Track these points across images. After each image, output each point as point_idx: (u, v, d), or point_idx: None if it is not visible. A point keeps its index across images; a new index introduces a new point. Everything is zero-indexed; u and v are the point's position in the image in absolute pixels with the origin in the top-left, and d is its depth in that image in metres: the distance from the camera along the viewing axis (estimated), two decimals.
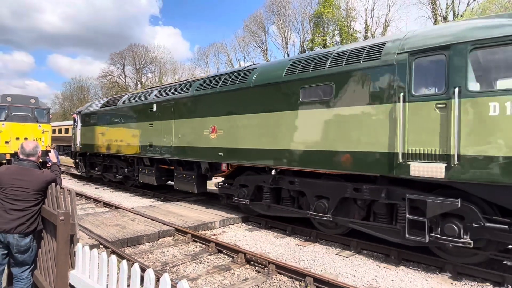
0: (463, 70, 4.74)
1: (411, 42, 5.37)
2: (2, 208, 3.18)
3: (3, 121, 14.77)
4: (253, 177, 8.00)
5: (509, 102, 4.36)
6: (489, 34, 4.64)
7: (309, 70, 6.62)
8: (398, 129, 5.22)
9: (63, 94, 67.43)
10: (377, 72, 5.60)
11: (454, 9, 31.09)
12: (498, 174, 4.43)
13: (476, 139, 4.61)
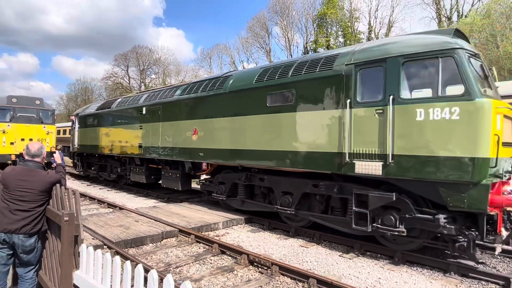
0: (397, 80, 5.40)
1: (356, 55, 6.05)
2: (8, 208, 3.21)
3: (8, 122, 14.88)
4: (229, 175, 8.66)
5: (432, 108, 5.01)
6: (417, 49, 5.32)
7: (275, 78, 7.35)
8: (345, 131, 5.91)
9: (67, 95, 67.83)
10: (329, 81, 6.28)
11: (459, 10, 30.96)
12: (423, 171, 5.09)
13: (406, 140, 5.26)
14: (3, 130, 14.60)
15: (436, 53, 5.13)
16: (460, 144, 4.83)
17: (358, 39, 37.54)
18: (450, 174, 4.89)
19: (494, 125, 4.79)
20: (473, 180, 4.75)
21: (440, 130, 4.97)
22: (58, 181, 3.42)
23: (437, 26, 31.72)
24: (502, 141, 4.96)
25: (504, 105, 5.15)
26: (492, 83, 5.51)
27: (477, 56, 5.30)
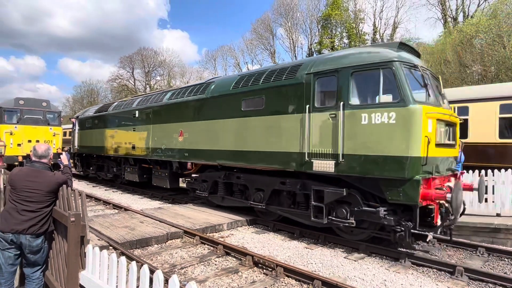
0: (347, 89, 6.09)
1: (315, 65, 6.73)
2: (15, 209, 3.24)
3: (15, 124, 15.05)
4: (211, 174, 9.42)
5: (374, 113, 5.67)
6: (363, 61, 6.02)
7: (249, 84, 8.06)
8: (305, 134, 6.61)
9: (73, 97, 68.38)
10: (292, 88, 6.99)
11: (465, 10, 30.72)
12: (367, 169, 5.75)
13: (353, 141, 5.93)
14: (10, 132, 14.77)
15: (378, 65, 5.82)
16: (396, 144, 5.48)
17: (363, 40, 37.43)
18: (388, 171, 5.54)
19: (425, 128, 5.43)
20: (406, 176, 5.37)
21: (380, 133, 5.64)
22: (64, 182, 3.45)
23: (443, 27, 31.55)
24: (437, 142, 5.67)
25: (437, 110, 5.75)
26: (433, 90, 6.15)
27: (416, 67, 5.91)
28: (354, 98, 6.09)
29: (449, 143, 6.31)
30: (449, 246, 6.64)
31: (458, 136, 6.90)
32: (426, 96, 5.90)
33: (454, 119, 6.55)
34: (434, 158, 5.69)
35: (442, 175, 6.03)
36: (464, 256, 6.14)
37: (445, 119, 6.06)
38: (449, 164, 6.38)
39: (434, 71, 24.91)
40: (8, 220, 3.22)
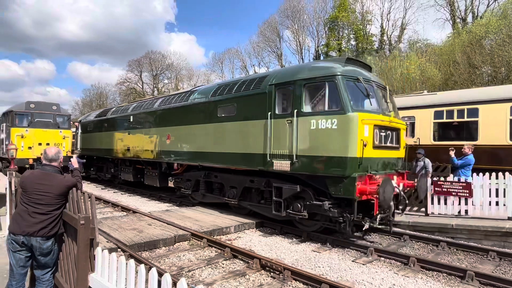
0: (300, 98, 6.96)
1: (277, 77, 7.65)
2: (26, 211, 3.29)
3: (26, 127, 15.30)
4: (194, 173, 10.29)
5: (320, 120, 6.55)
6: (313, 75, 6.97)
7: (224, 93, 8.98)
8: (268, 137, 7.46)
9: (83, 101, 69.29)
10: (258, 97, 7.87)
11: (474, 11, 30.38)
12: (316, 168, 6.60)
13: (304, 144, 6.79)
14: (21, 135, 15.02)
15: (324, 78, 6.74)
16: (337, 147, 6.33)
17: (370, 42, 37.25)
18: (331, 170, 6.39)
19: (361, 132, 6.26)
20: (345, 174, 6.21)
21: (325, 136, 6.49)
22: (74, 185, 3.49)
23: (451, 27, 31.22)
24: (374, 145, 6.52)
25: (374, 117, 6.57)
26: (377, 99, 7.03)
27: (358, 80, 6.77)
28: (306, 106, 6.99)
29: (390, 146, 7.12)
30: (459, 250, 6.55)
31: (403, 140, 7.81)
32: (366, 104, 6.85)
33: (396, 125, 7.31)
34: (370, 158, 6.53)
35: (381, 173, 6.79)
36: (474, 260, 6.04)
37: (384, 125, 6.85)
38: (391, 164, 7.29)
39: (443, 72, 24.69)
40: (20, 222, 3.27)
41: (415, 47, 31.74)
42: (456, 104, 10.65)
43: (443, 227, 7.63)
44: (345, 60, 7.28)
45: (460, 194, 8.13)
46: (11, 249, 3.30)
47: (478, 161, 8.95)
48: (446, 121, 10.98)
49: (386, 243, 7.08)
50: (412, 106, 11.74)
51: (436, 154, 10.38)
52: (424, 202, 8.68)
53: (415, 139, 11.36)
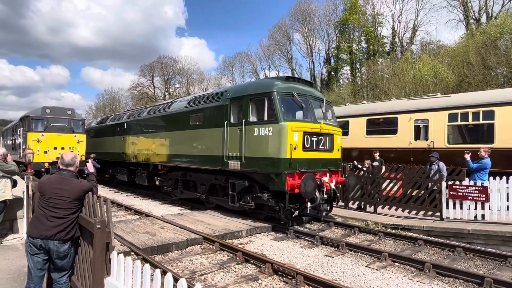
0: (247, 110, 8.51)
1: (232, 92, 9.27)
2: (44, 215, 3.36)
3: (42, 131, 15.62)
4: (173, 173, 11.87)
5: (261, 128, 8.11)
6: (257, 91, 8.55)
7: (194, 105, 10.70)
8: (225, 142, 9.02)
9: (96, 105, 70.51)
10: (218, 108, 9.44)
11: (488, 11, 29.81)
12: (258, 166, 8.10)
13: (250, 147, 8.32)
14: (37, 139, 15.33)
15: (264, 94, 8.26)
16: (273, 150, 7.86)
17: (381, 44, 36.91)
18: (268, 168, 7.90)
19: (291, 138, 7.73)
20: (278, 172, 7.72)
21: (264, 141, 8.03)
22: (90, 189, 3.54)
23: (465, 28, 30.71)
24: (304, 148, 7.98)
25: (304, 125, 8.04)
26: (310, 110, 8.48)
27: (292, 95, 8.24)
28: (252, 117, 8.50)
29: (322, 148, 8.51)
30: (476, 256, 6.39)
31: (337, 143, 9.08)
32: (299, 115, 8.39)
33: (328, 131, 8.69)
34: (300, 159, 7.94)
35: (312, 171, 8.10)
36: (492, 267, 5.89)
37: (313, 131, 8.24)
38: (324, 163, 8.62)
39: (457, 74, 24.25)
40: (38, 226, 3.34)
41: (428, 49, 31.33)
42: (471, 106, 10.46)
43: (459, 232, 7.47)
44: (285, 78, 9.01)
45: (477, 199, 7.96)
46: (29, 252, 3.37)
47: (495, 164, 8.75)
48: (460, 123, 10.79)
49: (401, 248, 6.97)
50: (425, 108, 11.59)
51: (451, 158, 10.20)
52: (439, 207, 8.53)
53: (429, 142, 11.20)
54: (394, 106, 12.89)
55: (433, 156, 9.46)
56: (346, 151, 13.76)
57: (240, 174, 8.73)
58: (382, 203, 9.70)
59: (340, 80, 39.12)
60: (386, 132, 12.84)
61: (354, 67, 38.93)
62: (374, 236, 7.82)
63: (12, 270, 4.83)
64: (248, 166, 8.32)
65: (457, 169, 8.49)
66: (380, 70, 31.68)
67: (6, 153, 6.65)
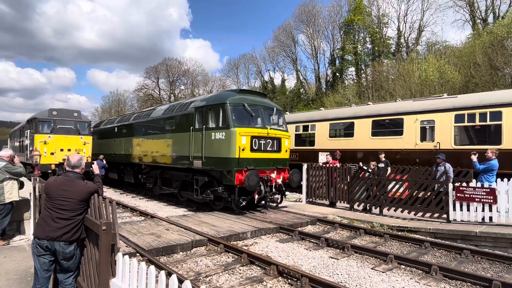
0: (207, 118, 10.19)
1: (196, 103, 11.05)
2: (50, 217, 3.38)
3: (49, 133, 15.76)
4: (154, 171, 13.50)
5: (217, 132, 9.67)
6: (214, 102, 10.22)
7: (169, 113, 12.46)
8: (190, 144, 10.65)
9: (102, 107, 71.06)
10: (187, 116, 11.15)
11: (495, 11, 29.53)
12: (215, 165, 9.64)
13: (208, 149, 9.89)
14: (44, 141, 15.48)
15: (219, 104, 9.89)
16: (225, 151, 9.38)
17: (387, 45, 36.72)
18: (222, 166, 9.47)
19: (239, 141, 9.27)
20: (229, 169, 9.30)
21: (219, 144, 9.60)
22: (96, 191, 3.57)
23: (471, 28, 30.44)
24: (252, 149, 9.53)
25: (251, 131, 9.58)
26: (260, 117, 10.14)
27: (243, 105, 9.82)
28: (211, 123, 10.08)
29: (270, 150, 10.07)
30: (484, 258, 6.31)
31: (285, 145, 10.60)
32: (249, 122, 9.89)
33: (276, 135, 10.24)
34: (248, 158, 9.44)
35: (259, 168, 9.62)
36: (500, 270, 5.81)
37: (261, 135, 9.79)
38: (271, 162, 10.13)
39: (463, 74, 24.04)
40: (44, 227, 3.36)
41: (434, 49, 31.10)
42: (478, 107, 10.36)
43: (466, 235, 7.39)
44: (239, 91, 10.72)
45: (484, 201, 7.87)
46: (35, 253, 3.40)
47: (502, 166, 8.66)
48: (467, 124, 10.69)
49: (407, 250, 6.91)
50: (431, 109, 11.50)
51: (457, 159, 10.10)
52: (446, 209, 8.45)
53: (435, 144, 11.12)
54: (399, 107, 12.81)
55: (438, 157, 9.38)
56: (351, 153, 13.69)
57: (202, 171, 10.30)
58: (388, 204, 9.63)
59: (345, 81, 38.99)
60: (392, 133, 12.76)
61: (359, 68, 38.78)
62: (380, 238, 7.76)
63: (19, 271, 4.87)
64: (207, 165, 9.90)
65: (464, 171, 8.40)
66: (385, 71, 31.52)
67: (13, 155, 6.72)
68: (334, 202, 11.34)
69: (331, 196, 11.33)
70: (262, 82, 48.95)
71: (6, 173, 6.34)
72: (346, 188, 10.81)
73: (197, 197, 10.52)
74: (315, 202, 12.01)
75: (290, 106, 39.86)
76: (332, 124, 15.18)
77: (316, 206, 11.43)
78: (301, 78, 44.91)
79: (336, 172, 11.15)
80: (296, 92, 43.42)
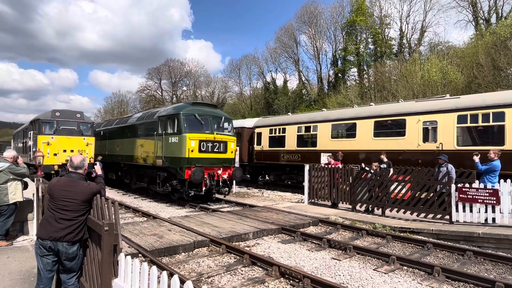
0: (167, 125, 12.63)
1: (159, 113, 13.46)
2: (53, 217, 3.40)
3: (52, 134, 15.83)
4: (130, 169, 16.06)
5: (173, 137, 12.17)
6: (171, 112, 12.73)
7: (140, 120, 15.16)
8: (155, 147, 13.06)
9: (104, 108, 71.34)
10: (153, 123, 13.64)
11: (498, 11, 29.42)
12: (171, 162, 12.06)
13: (167, 150, 12.30)
14: (47, 142, 15.55)
15: (175, 115, 12.33)
16: (178, 152, 11.77)
17: (389, 46, 36.65)
18: (175, 164, 11.84)
19: (189, 144, 11.64)
20: (181, 166, 11.60)
21: (174, 146, 12.02)
22: (98, 191, 3.58)
23: (474, 29, 30.34)
24: (200, 150, 11.90)
25: (199, 136, 11.96)
26: (208, 125, 12.47)
27: (194, 116, 12.23)
28: (169, 130, 12.55)
29: (216, 151, 12.48)
30: (487, 260, 6.29)
31: (231, 147, 12.97)
32: (198, 128, 12.18)
33: (222, 139, 12.63)
34: (197, 158, 11.83)
35: (206, 166, 12.06)
36: (504, 271, 5.79)
37: (208, 139, 12.20)
38: (218, 161, 12.56)
39: (466, 75, 23.97)
40: (47, 228, 3.38)
41: (436, 50, 31.02)
42: (480, 107, 10.33)
43: (469, 236, 7.36)
44: (192, 104, 13.14)
45: (487, 202, 7.84)
46: (38, 253, 3.42)
47: (505, 166, 8.62)
48: (470, 125, 10.66)
49: (409, 251, 6.89)
50: (434, 110, 11.48)
51: (460, 160, 10.07)
52: (448, 210, 8.42)
53: (438, 144, 11.08)
54: (402, 108, 12.78)
55: (440, 158, 9.35)
56: (353, 154, 13.67)
57: (163, 168, 12.76)
58: (390, 205, 9.61)
59: (347, 82, 38.93)
60: (394, 134, 12.73)
61: (361, 68, 38.73)
62: (382, 239, 7.74)
63: (23, 271, 4.89)
64: (166, 163, 12.36)
65: (467, 172, 8.37)
66: (387, 72, 31.45)
67: (17, 155, 6.76)
68: (336, 203, 11.32)
69: (333, 197, 11.32)
70: (264, 83, 48.97)
71: (10, 174, 6.37)
72: (348, 189, 10.80)
73: (159, 189, 12.94)
74: (317, 203, 12.01)
75: (292, 107, 39.84)
76: (334, 125, 15.17)
77: (318, 207, 11.43)
78: (303, 79, 44.93)
79: (338, 173, 11.14)
80: (298, 93, 43.40)
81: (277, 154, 17.98)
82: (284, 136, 17.62)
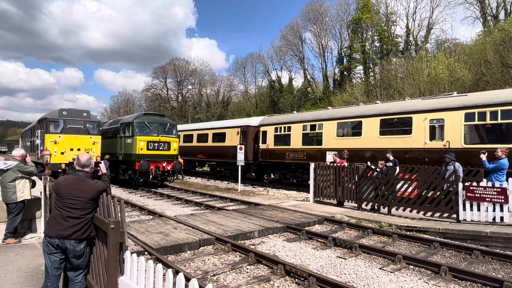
0: (125, 130, 18.10)
1: (122, 120, 19.30)
2: (61, 215, 3.43)
3: (59, 133, 15.99)
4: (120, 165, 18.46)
5: (128, 139, 17.49)
6: (127, 120, 18.36)
7: (112, 124, 20.82)
8: (118, 145, 18.46)
9: (111, 107, 71.83)
10: (117, 127, 19.00)
11: (506, 7, 29.00)
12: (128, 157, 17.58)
13: (125, 148, 17.71)
14: (54, 141, 15.71)
15: (130, 122, 17.53)
16: (131, 149, 17.01)
17: (395, 43, 36.35)
18: (130, 158, 17.05)
19: (139, 144, 16.82)
20: (133, 160, 16.74)
21: (129, 146, 17.26)
22: (104, 189, 3.60)
23: (482, 26, 29.96)
24: (148, 148, 16.96)
25: (147, 138, 17.09)
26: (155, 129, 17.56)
27: (144, 123, 17.33)
28: (127, 133, 17.45)
29: (161, 149, 17.36)
30: (495, 259, 6.22)
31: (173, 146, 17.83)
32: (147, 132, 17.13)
33: (166, 140, 17.53)
34: (145, 154, 16.68)
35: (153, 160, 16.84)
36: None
37: (154, 140, 17.08)
38: (162, 156, 17.29)
39: (473, 72, 23.69)
40: (55, 226, 3.42)
41: (443, 47, 30.68)
42: (488, 105, 10.20)
43: (476, 235, 7.29)
44: (143, 114, 18.59)
45: (495, 200, 7.75)
46: (46, 251, 3.46)
47: None
48: (478, 123, 10.54)
49: (416, 250, 6.84)
50: (441, 108, 11.37)
51: (468, 158, 9.97)
52: (455, 208, 8.34)
53: (445, 142, 10.98)
54: (408, 106, 12.68)
55: (447, 156, 9.25)
56: (359, 152, 13.61)
57: (122, 162, 17.49)
58: (396, 204, 9.55)
59: (353, 79, 38.71)
60: (400, 132, 12.64)
61: (367, 66, 38.48)
62: (388, 238, 7.70)
63: (30, 268, 4.96)
64: (124, 158, 17.28)
65: (474, 170, 8.28)
66: (394, 70, 31.20)
67: (25, 154, 6.84)
68: (342, 201, 11.29)
69: (339, 196, 11.28)
70: (269, 81, 48.90)
71: (18, 172, 6.45)
72: (354, 188, 10.75)
73: (122, 177, 17.59)
74: (323, 201, 11.98)
75: (298, 105, 39.74)
76: (339, 123, 15.10)
77: (323, 205, 11.40)
78: (309, 77, 44.77)
79: (344, 171, 11.09)
80: (304, 91, 43.27)
81: (282, 152, 17.97)
82: (290, 135, 17.60)
